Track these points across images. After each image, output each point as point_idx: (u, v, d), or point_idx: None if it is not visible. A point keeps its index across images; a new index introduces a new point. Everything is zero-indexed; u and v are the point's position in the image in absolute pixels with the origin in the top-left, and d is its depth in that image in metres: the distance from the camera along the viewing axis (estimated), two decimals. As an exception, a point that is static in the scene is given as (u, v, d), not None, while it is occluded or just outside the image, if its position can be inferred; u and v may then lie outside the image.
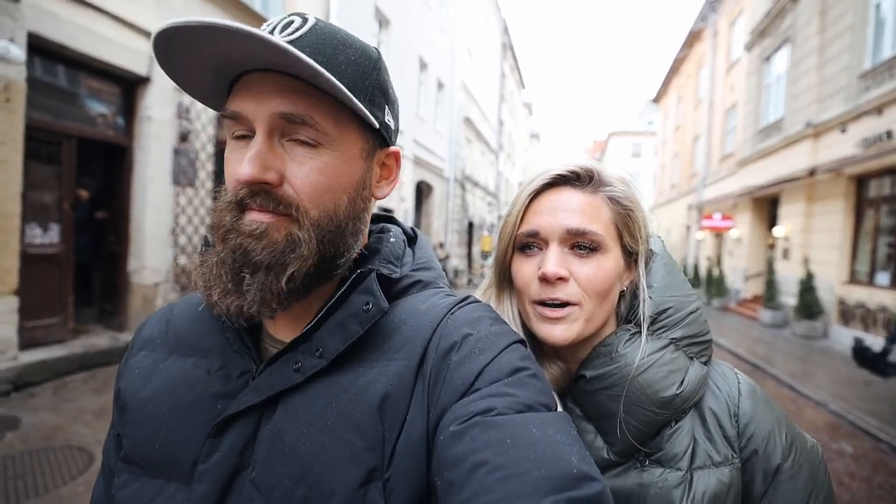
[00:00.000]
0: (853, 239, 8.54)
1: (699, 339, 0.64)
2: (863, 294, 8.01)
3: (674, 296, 0.65)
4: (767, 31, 11.78)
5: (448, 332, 0.50)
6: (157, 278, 5.56)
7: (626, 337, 0.64)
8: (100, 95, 5.16)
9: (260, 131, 0.46)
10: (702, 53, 18.33)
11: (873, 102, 7.53)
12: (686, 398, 0.60)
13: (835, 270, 8.69)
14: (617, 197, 0.66)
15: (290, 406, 0.48)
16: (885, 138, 7.25)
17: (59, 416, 3.67)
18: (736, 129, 14.43)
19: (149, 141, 5.36)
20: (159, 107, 5.43)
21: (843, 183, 8.52)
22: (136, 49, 5.11)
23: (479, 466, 0.38)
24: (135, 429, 0.53)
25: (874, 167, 7.72)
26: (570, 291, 0.62)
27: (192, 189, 5.87)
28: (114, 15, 4.84)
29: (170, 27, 0.41)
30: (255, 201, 0.46)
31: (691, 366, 0.62)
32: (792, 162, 9.98)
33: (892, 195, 7.77)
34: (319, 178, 0.47)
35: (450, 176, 15.56)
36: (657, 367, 0.60)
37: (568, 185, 0.66)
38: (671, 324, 0.63)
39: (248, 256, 0.46)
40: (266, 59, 0.44)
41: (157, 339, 0.59)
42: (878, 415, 4.76)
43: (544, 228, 0.64)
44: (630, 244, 0.66)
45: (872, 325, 7.61)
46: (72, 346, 4.84)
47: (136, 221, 5.43)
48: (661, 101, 25.98)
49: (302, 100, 0.46)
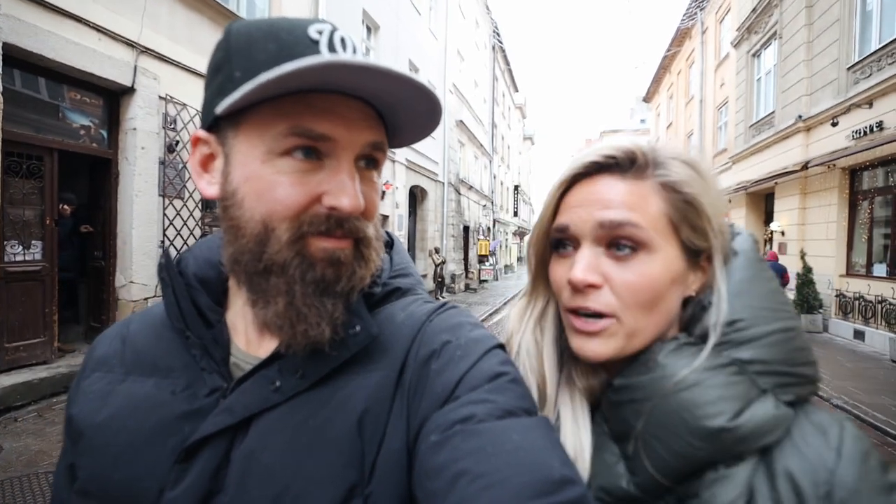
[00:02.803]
0: (849, 231, 8.55)
1: (784, 370, 0.48)
2: (861, 286, 7.99)
3: (750, 306, 0.51)
4: (754, 28, 11.86)
5: (427, 340, 0.49)
6: (146, 293, 5.44)
7: (672, 346, 0.52)
8: (82, 107, 5.05)
9: (348, 159, 0.45)
10: (691, 51, 18.48)
11: (863, 95, 7.55)
12: (741, 438, 0.45)
13: (832, 263, 8.68)
14: (673, 182, 0.53)
15: (263, 425, 0.45)
16: (876, 130, 7.26)
17: (43, 441, 3.53)
18: (728, 125, 14.50)
19: (134, 153, 5.25)
20: (144, 118, 5.32)
21: (837, 175, 8.53)
22: (119, 59, 5.01)
23: (460, 476, 0.37)
24: (91, 458, 0.49)
25: (866, 159, 7.72)
26: (605, 301, 0.52)
27: (179, 201, 5.77)
28: (96, 25, 4.75)
29: (339, 64, 0.39)
30: (342, 230, 0.45)
31: (761, 399, 0.47)
32: (785, 156, 10.00)
33: (885, 186, 7.78)
34: (377, 200, 0.51)
35: (444, 180, 15.50)
36: (705, 388, 0.47)
37: (606, 173, 0.55)
38: (738, 340, 0.49)
39: (335, 286, 0.46)
40: (365, 86, 0.44)
41: (112, 358, 0.55)
42: (883, 409, 4.70)
43: (575, 224, 0.54)
44: (692, 240, 0.53)
45: (872, 318, 7.58)
46: (56, 366, 4.69)
47: (123, 235, 5.31)
48: (653, 100, 26.15)
49: (381, 128, 0.49)
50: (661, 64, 22.38)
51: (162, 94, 5.47)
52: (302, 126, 0.43)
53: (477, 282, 18.38)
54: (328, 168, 0.45)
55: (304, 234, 0.44)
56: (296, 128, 0.43)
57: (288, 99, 0.43)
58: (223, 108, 0.43)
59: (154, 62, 5.37)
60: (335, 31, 0.47)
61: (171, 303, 0.52)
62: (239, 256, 0.46)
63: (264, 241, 0.44)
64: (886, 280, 7.40)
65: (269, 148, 0.44)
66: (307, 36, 0.45)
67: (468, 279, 17.81)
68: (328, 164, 0.45)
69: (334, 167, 0.45)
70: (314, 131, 0.43)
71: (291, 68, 0.37)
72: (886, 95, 7.09)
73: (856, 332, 7.86)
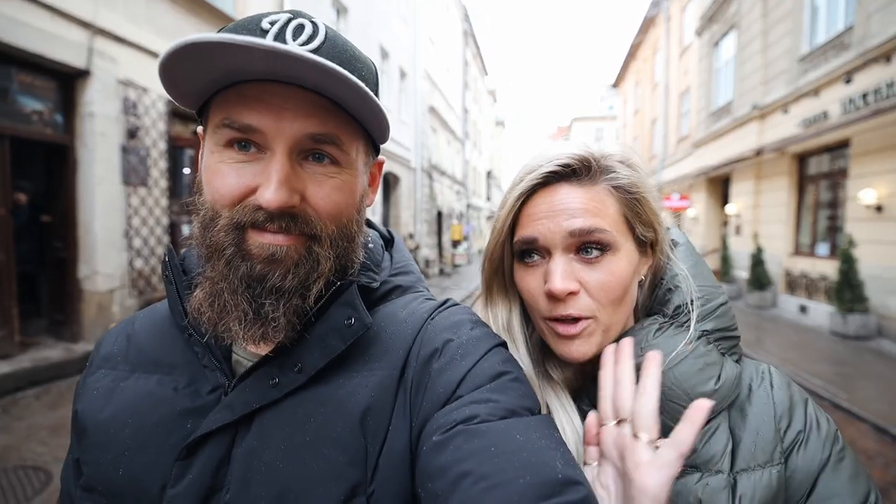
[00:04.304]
0: (797, 213, 9.14)
1: (730, 334, 0.58)
2: (806, 264, 8.60)
3: (702, 285, 0.59)
4: (716, 17, 12.24)
5: (429, 339, 0.49)
6: (112, 284, 5.28)
7: (654, 328, 0.57)
8: (34, 91, 4.78)
9: (281, 151, 0.43)
10: (656, 39, 18.85)
11: (811, 84, 8.00)
12: (724, 395, 0.55)
13: (781, 243, 9.28)
14: (622, 184, 0.57)
15: (265, 422, 0.46)
16: (822, 118, 7.74)
17: (10, 436, 3.46)
18: (690, 111, 15.00)
19: (93, 139, 5.03)
20: (102, 102, 5.09)
21: (787, 161, 9.06)
22: (72, 40, 4.76)
23: (463, 477, 0.37)
24: (96, 454, 0.49)
25: (813, 146, 8.23)
26: (582, 305, 0.56)
27: (144, 189, 5.57)
28: (46, 4, 4.48)
29: (198, 42, 0.37)
30: (275, 224, 0.44)
31: (726, 361, 0.57)
32: (741, 143, 10.49)
33: (829, 171, 8.32)
34: (339, 197, 0.47)
35: (416, 166, 15.45)
36: (693, 360, 0.54)
37: (563, 181, 0.57)
38: (701, 315, 0.57)
39: (268, 283, 0.44)
40: (304, 76, 0.41)
41: (117, 356, 0.55)
42: (821, 375, 5.17)
43: (544, 236, 0.56)
44: (643, 233, 0.59)
45: (815, 294, 8.20)
46: (20, 360, 4.54)
47: (85, 225, 5.11)
48: (621, 86, 26.60)
49: (330, 119, 0.44)
50: (629, 51, 22.77)
51: (121, 78, 5.24)
52: (231, 117, 0.43)
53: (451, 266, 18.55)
54: (265, 160, 0.44)
55: (242, 224, 0.44)
56: (225, 119, 0.44)
57: (230, 90, 0.44)
58: (173, 97, 0.45)
59: (112, 44, 5.13)
60: (290, 22, 0.45)
61: (173, 300, 0.52)
62: (197, 240, 0.47)
63: (210, 225, 0.45)
64: (828, 259, 8.00)
65: (215, 140, 0.45)
66: (259, 27, 0.44)
67: (442, 263, 17.96)
68: (266, 157, 0.44)
69: (268, 160, 0.44)
70: (237, 122, 0.43)
71: (186, 41, 0.37)
72: (831, 85, 7.55)
73: (801, 307, 8.49)
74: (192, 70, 0.42)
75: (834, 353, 6.16)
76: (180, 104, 0.48)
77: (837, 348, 6.38)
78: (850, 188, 7.22)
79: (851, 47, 7.04)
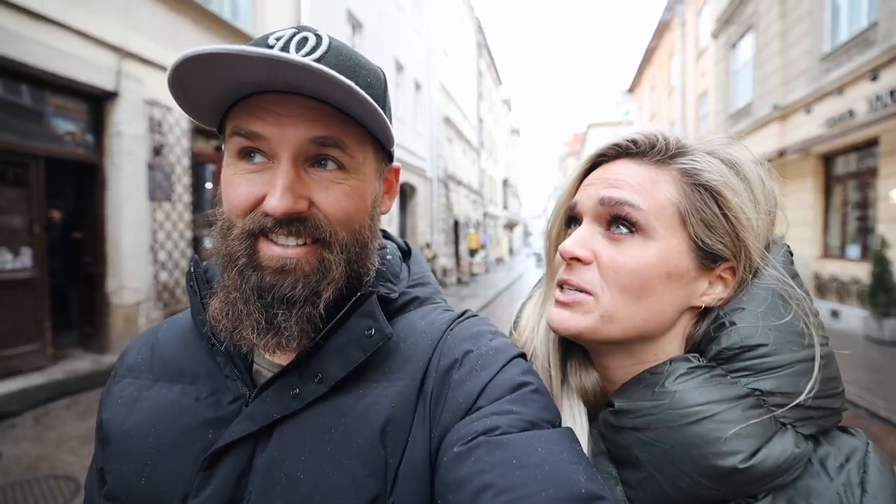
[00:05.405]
0: (824, 214, 8.84)
1: (809, 403, 0.43)
2: (836, 267, 8.28)
3: (777, 329, 0.45)
4: (732, 19, 12.08)
5: (448, 350, 0.49)
6: (138, 297, 5.44)
7: (682, 368, 0.46)
8: (66, 113, 5.02)
9: (286, 158, 0.44)
10: (672, 43, 18.68)
11: (835, 83, 7.79)
12: (756, 479, 0.42)
13: (809, 246, 8.97)
14: (696, 171, 0.49)
15: (286, 433, 0.46)
16: (848, 117, 7.51)
17: (41, 446, 3.56)
18: (708, 114, 14.75)
19: (121, 157, 5.24)
20: (130, 122, 5.31)
21: (812, 162, 8.80)
22: (101, 64, 4.99)
23: (485, 489, 0.37)
24: (118, 463, 0.50)
25: (839, 145, 7.98)
26: (588, 278, 0.50)
27: (168, 204, 5.75)
28: (76, 30, 4.72)
29: (199, 55, 0.39)
30: (284, 230, 0.44)
31: (780, 435, 0.43)
32: (762, 144, 10.24)
33: (857, 171, 8.05)
34: (348, 203, 0.47)
35: (433, 176, 15.55)
36: (718, 424, 0.42)
37: (626, 157, 0.53)
38: (759, 368, 0.44)
39: (278, 293, 0.45)
40: (303, 83, 0.42)
41: (141, 365, 0.56)
42: (856, 382, 4.94)
43: (582, 201, 0.54)
44: (703, 238, 0.48)
45: (847, 297, 7.88)
46: (51, 372, 4.70)
47: (113, 240, 5.29)
48: (636, 91, 26.39)
49: (333, 124, 0.45)
50: (644, 56, 22.61)
51: (147, 98, 5.45)
52: (239, 125, 0.45)
53: (468, 275, 18.50)
54: (273, 169, 0.45)
55: (253, 232, 0.45)
56: (235, 127, 0.46)
57: (241, 103, 0.46)
58: (184, 110, 0.47)
59: (138, 66, 5.35)
60: (294, 36, 0.46)
61: (196, 309, 0.53)
62: (216, 250, 0.48)
63: (226, 234, 0.47)
64: (859, 261, 7.69)
65: (230, 151, 0.47)
66: (266, 44, 0.46)
67: (459, 272, 17.93)
68: (273, 166, 0.45)
69: (274, 168, 0.45)
70: (244, 129, 0.45)
71: (186, 54, 0.38)
72: (856, 83, 7.33)
73: (832, 311, 8.16)
74: (199, 83, 0.43)
75: (869, 359, 5.88)
76: (194, 119, 0.49)
77: (873, 354, 6.10)
78: (881, 188, 6.96)
79: (876, 44, 6.84)
